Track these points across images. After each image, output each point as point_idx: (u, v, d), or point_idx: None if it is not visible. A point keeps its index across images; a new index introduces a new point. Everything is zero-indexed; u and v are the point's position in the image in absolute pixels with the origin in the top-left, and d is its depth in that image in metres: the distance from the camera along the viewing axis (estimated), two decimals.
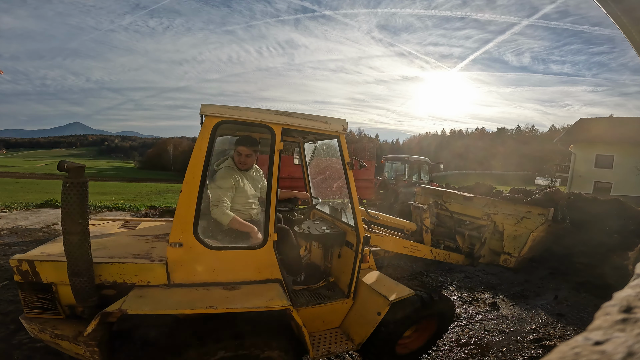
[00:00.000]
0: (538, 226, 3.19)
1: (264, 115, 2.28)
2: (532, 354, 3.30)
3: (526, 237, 3.26)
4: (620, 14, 3.01)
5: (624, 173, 21.70)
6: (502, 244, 3.48)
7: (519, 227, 3.35)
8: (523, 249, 3.29)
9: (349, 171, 2.67)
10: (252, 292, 2.15)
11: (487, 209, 3.69)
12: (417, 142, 77.30)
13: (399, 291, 2.63)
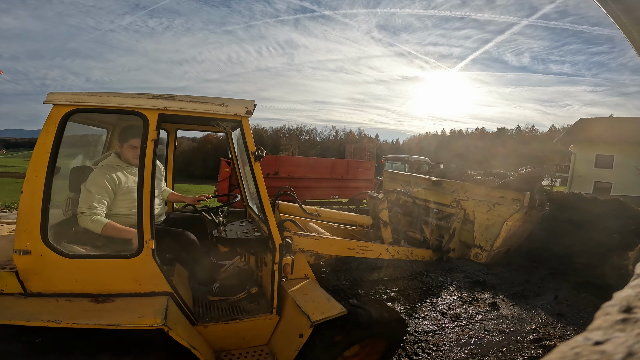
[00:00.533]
0: (513, 214, 2.71)
1: (132, 100, 1.98)
2: (532, 354, 3.30)
3: (499, 227, 2.79)
4: (620, 14, 3.01)
5: (624, 173, 21.69)
6: (473, 236, 3.04)
7: (492, 215, 2.87)
8: (496, 241, 2.84)
9: (254, 163, 2.23)
10: (126, 306, 1.92)
11: (456, 195, 3.18)
12: (417, 142, 77.33)
13: (327, 309, 2.24)
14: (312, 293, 2.48)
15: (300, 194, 10.45)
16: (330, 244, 2.76)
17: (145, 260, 2.03)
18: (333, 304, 2.32)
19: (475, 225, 3.04)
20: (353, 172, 11.56)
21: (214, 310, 2.48)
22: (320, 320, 2.14)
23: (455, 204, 3.18)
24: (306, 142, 68.25)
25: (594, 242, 6.33)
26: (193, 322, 2.22)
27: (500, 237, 2.84)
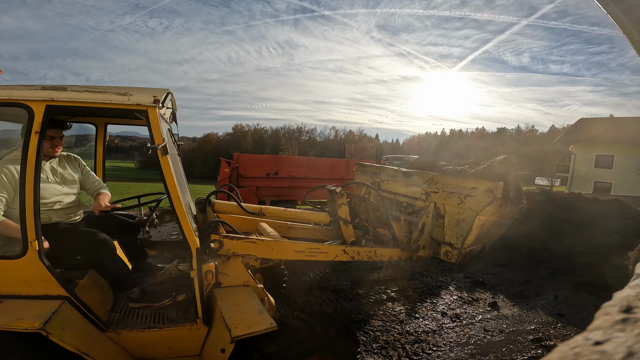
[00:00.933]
0: (485, 206, 2.42)
1: (17, 92, 1.88)
2: (532, 354, 3.30)
3: (471, 222, 2.51)
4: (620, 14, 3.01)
5: (624, 173, 21.69)
6: (444, 232, 2.78)
7: (463, 208, 2.60)
8: (467, 238, 2.56)
9: (161, 158, 2.01)
10: (11, 307, 1.88)
11: (426, 187, 2.92)
12: (417, 142, 77.32)
13: (254, 323, 2.06)
14: (244, 304, 2.25)
15: (301, 194, 10.47)
16: (272, 246, 2.51)
17: (31, 262, 1.93)
18: (264, 317, 2.12)
19: (446, 220, 2.76)
20: (353, 172, 11.55)
21: (133, 316, 2.33)
22: (243, 335, 1.95)
23: (425, 197, 2.85)
24: (306, 142, 68.22)
25: (594, 242, 6.33)
26: (102, 328, 2.13)
27: (472, 234, 2.55)
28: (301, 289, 4.57)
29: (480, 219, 2.53)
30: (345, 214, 2.87)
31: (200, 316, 2.24)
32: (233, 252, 2.38)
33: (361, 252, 2.85)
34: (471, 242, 2.64)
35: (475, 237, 2.63)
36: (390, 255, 2.97)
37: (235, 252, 2.39)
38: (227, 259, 2.36)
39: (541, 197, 7.85)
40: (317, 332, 3.50)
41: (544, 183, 31.55)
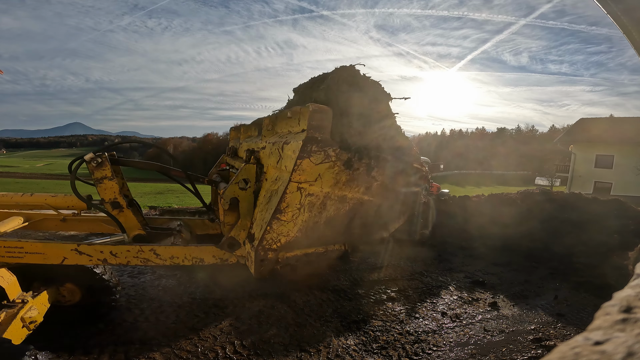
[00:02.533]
0: (303, 159, 1.63)
1: None
2: (532, 354, 3.30)
3: (277, 200, 1.70)
4: (620, 14, 3.01)
5: (624, 173, 21.71)
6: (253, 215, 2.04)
7: (279, 173, 1.86)
8: (274, 226, 1.74)
9: None
10: None
11: (254, 143, 2.28)
12: (417, 142, 77.28)
13: None
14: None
15: None
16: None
17: None
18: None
19: (261, 195, 1.92)
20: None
21: None
22: None
23: (249, 155, 2.03)
24: None
25: (594, 242, 6.33)
26: None
27: (286, 219, 1.66)
28: (301, 289, 4.57)
29: (306, 192, 1.61)
30: (112, 194, 2.12)
31: None
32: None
33: (119, 252, 2.11)
34: (291, 237, 1.71)
35: (299, 228, 1.71)
36: (212, 255, 2.18)
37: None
38: None
39: (541, 197, 7.85)
40: (316, 331, 3.50)
41: (544, 183, 31.54)
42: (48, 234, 6.20)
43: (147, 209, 10.26)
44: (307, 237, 1.79)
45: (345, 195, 1.76)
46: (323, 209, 1.73)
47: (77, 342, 2.93)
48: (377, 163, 1.78)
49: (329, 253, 1.97)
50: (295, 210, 1.67)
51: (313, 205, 1.69)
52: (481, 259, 6.42)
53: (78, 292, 3.01)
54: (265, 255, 1.76)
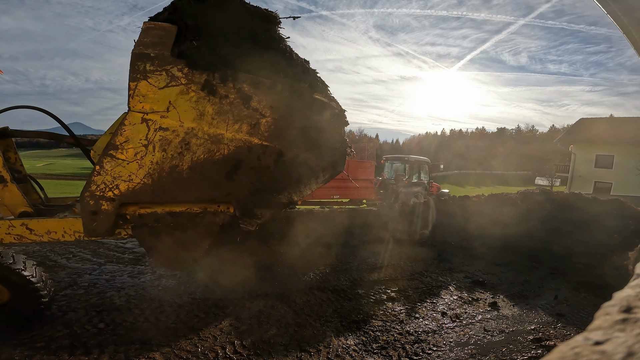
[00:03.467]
0: (147, 77, 1.30)
1: None
2: (532, 354, 3.30)
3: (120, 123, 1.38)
4: (620, 14, 3.01)
5: (624, 173, 21.70)
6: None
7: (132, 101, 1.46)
8: (108, 166, 1.38)
9: None
10: None
11: None
12: (417, 142, 77.24)
13: None
14: None
15: None
16: None
17: None
18: None
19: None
20: (353, 172, 11.55)
21: None
22: None
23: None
24: None
25: (594, 242, 6.33)
26: None
27: (123, 155, 1.30)
28: (301, 289, 4.57)
29: (155, 125, 1.24)
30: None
31: None
32: None
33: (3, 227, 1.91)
34: (136, 184, 1.30)
35: (147, 172, 1.32)
36: (79, 230, 1.91)
37: None
38: None
39: (541, 197, 7.84)
40: (316, 331, 3.50)
41: (544, 183, 31.54)
42: None
43: None
44: (164, 187, 1.34)
45: (219, 133, 1.28)
46: (185, 150, 1.28)
47: (77, 342, 2.93)
48: (257, 89, 1.27)
49: (208, 216, 1.48)
50: (139, 148, 1.28)
51: (169, 143, 1.28)
52: (481, 259, 6.42)
53: (6, 292, 2.96)
54: (98, 206, 1.35)
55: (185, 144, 1.30)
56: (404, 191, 12.27)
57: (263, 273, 5.04)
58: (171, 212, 1.47)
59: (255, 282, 4.62)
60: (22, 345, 2.80)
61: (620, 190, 19.96)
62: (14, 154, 2.25)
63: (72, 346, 2.86)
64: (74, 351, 2.80)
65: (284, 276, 5.00)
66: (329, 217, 7.63)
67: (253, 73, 1.33)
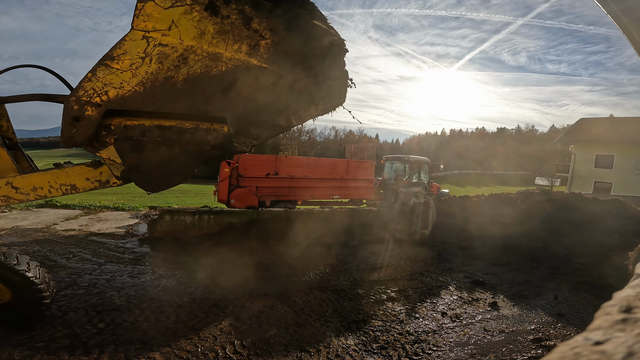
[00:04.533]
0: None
1: None
2: (532, 354, 3.29)
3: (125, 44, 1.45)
4: (620, 14, 3.01)
5: (624, 173, 21.70)
6: None
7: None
8: (104, 78, 1.41)
9: None
10: None
11: None
12: (417, 142, 77.25)
13: None
14: None
15: (300, 193, 10.46)
16: None
17: None
18: None
19: None
20: (353, 172, 11.55)
21: None
22: None
23: None
24: (306, 142, 68.21)
25: (594, 242, 6.33)
26: None
27: (112, 68, 1.33)
28: (301, 289, 4.57)
29: (155, 42, 1.28)
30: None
31: None
32: None
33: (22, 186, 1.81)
34: (126, 91, 1.31)
35: (140, 80, 1.34)
36: (85, 178, 1.85)
37: None
38: None
39: (541, 197, 7.84)
40: (316, 331, 3.50)
41: (544, 183, 31.54)
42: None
43: (147, 209, 10.26)
44: (155, 96, 1.32)
45: (218, 52, 1.31)
46: (183, 64, 1.29)
47: (77, 342, 2.93)
48: (258, 11, 1.29)
49: (199, 133, 1.44)
50: (136, 59, 1.26)
51: (166, 57, 1.28)
52: (481, 259, 6.42)
53: (8, 292, 2.97)
54: (82, 111, 1.30)
55: (183, 59, 1.31)
56: (404, 191, 12.27)
57: (263, 273, 5.04)
58: (160, 125, 1.42)
59: (255, 282, 4.62)
60: (22, 345, 2.80)
61: (620, 190, 19.96)
62: (6, 122, 2.22)
63: (72, 346, 2.86)
64: (74, 351, 2.80)
65: (284, 276, 5.00)
66: (329, 217, 7.64)
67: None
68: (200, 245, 6.15)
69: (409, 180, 12.89)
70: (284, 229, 6.91)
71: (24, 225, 7.00)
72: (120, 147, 1.42)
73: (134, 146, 1.37)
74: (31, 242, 5.81)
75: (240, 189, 9.07)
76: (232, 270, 4.95)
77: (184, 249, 5.87)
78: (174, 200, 14.53)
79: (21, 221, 7.32)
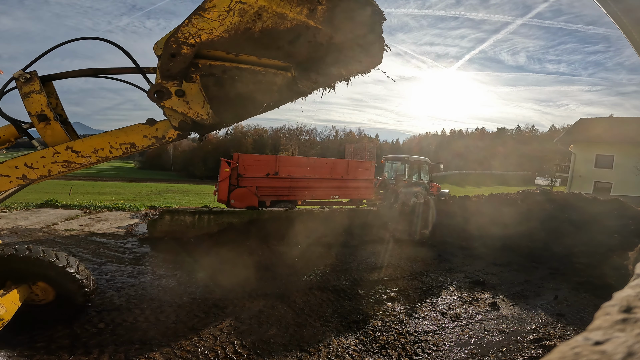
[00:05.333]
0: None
1: None
2: (532, 354, 3.30)
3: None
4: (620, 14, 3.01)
5: (624, 173, 21.71)
6: None
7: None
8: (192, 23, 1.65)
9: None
10: None
11: None
12: (417, 142, 77.26)
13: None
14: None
15: (300, 193, 10.46)
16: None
17: None
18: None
19: None
20: (353, 172, 11.56)
21: None
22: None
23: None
24: (306, 142, 68.26)
25: (594, 242, 6.33)
26: None
27: (204, 17, 1.61)
28: (301, 289, 4.57)
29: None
30: (39, 106, 2.01)
31: None
32: None
33: (41, 160, 2.00)
34: (214, 36, 1.63)
35: (226, 28, 1.62)
36: (142, 135, 2.08)
37: None
38: None
39: (541, 197, 7.84)
40: (316, 331, 3.50)
41: (544, 183, 31.54)
42: None
43: (147, 209, 10.25)
44: (236, 41, 1.61)
45: (284, 13, 1.60)
46: (258, 19, 1.59)
47: (77, 342, 2.93)
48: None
49: (269, 75, 1.79)
50: (222, 12, 1.56)
51: (245, 12, 1.58)
52: (481, 259, 6.42)
53: (51, 291, 3.01)
54: (178, 49, 1.59)
55: (258, 15, 1.60)
56: (404, 191, 12.28)
57: (263, 273, 5.04)
58: (238, 67, 1.77)
59: (255, 282, 4.62)
60: (22, 345, 2.80)
61: (620, 190, 19.96)
62: (55, 99, 2.29)
63: (72, 346, 2.86)
64: (74, 351, 2.80)
65: (284, 276, 5.00)
66: (329, 217, 7.64)
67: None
68: (200, 245, 6.15)
69: (409, 180, 12.90)
70: (284, 229, 6.91)
71: (24, 225, 7.00)
72: (205, 82, 1.75)
73: (216, 81, 1.71)
74: (31, 242, 5.81)
75: (240, 189, 9.08)
76: (232, 270, 4.95)
77: (184, 249, 5.87)
78: (174, 200, 14.54)
79: (21, 221, 7.32)
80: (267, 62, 1.73)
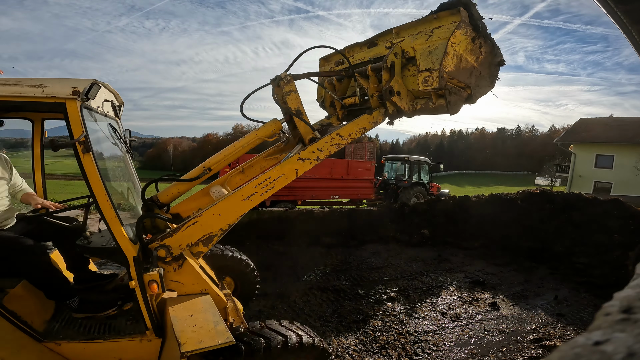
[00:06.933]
0: (454, 30, 2.40)
1: None
2: (532, 354, 3.30)
3: (444, 47, 2.44)
4: (620, 14, 3.01)
5: (624, 173, 21.70)
6: (417, 66, 2.60)
7: (432, 40, 2.53)
8: (444, 60, 2.42)
9: (82, 156, 1.87)
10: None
11: (390, 38, 2.82)
12: (417, 142, 77.27)
13: (208, 338, 1.79)
14: (199, 315, 1.96)
15: (300, 194, 10.47)
16: (218, 211, 2.22)
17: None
18: (220, 330, 1.82)
19: (417, 55, 2.64)
20: (353, 172, 11.57)
21: (75, 327, 2.22)
22: (194, 351, 1.71)
23: (390, 44, 2.76)
24: None
25: (594, 242, 6.33)
26: (38, 338, 2.06)
27: (449, 58, 2.41)
28: (301, 289, 4.57)
29: (453, 44, 2.43)
30: (297, 104, 2.46)
31: (149, 327, 2.09)
32: (183, 246, 2.14)
33: (325, 144, 2.44)
34: (448, 64, 2.41)
35: (455, 66, 2.45)
36: (368, 122, 2.61)
37: (186, 244, 2.15)
38: (180, 265, 2.13)
39: (541, 197, 7.84)
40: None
41: (544, 183, 31.53)
42: None
43: None
44: (457, 73, 2.57)
45: (467, 58, 2.61)
46: (461, 60, 2.56)
47: None
48: (486, 43, 2.66)
49: (463, 92, 2.68)
50: (449, 51, 2.42)
51: (459, 58, 2.53)
52: (481, 259, 6.42)
53: (232, 283, 3.51)
54: (442, 73, 2.43)
55: (462, 58, 2.48)
56: (404, 191, 12.28)
57: (263, 273, 5.04)
58: (453, 86, 2.53)
59: None
60: None
61: (620, 190, 19.96)
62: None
63: None
64: None
65: (284, 276, 5.01)
66: (329, 217, 7.63)
67: (489, 38, 2.65)
68: None
69: (409, 180, 12.90)
70: (284, 229, 6.91)
71: None
72: (449, 97, 2.50)
73: (449, 91, 2.48)
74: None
75: None
76: None
77: None
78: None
79: None
80: (461, 84, 2.62)
